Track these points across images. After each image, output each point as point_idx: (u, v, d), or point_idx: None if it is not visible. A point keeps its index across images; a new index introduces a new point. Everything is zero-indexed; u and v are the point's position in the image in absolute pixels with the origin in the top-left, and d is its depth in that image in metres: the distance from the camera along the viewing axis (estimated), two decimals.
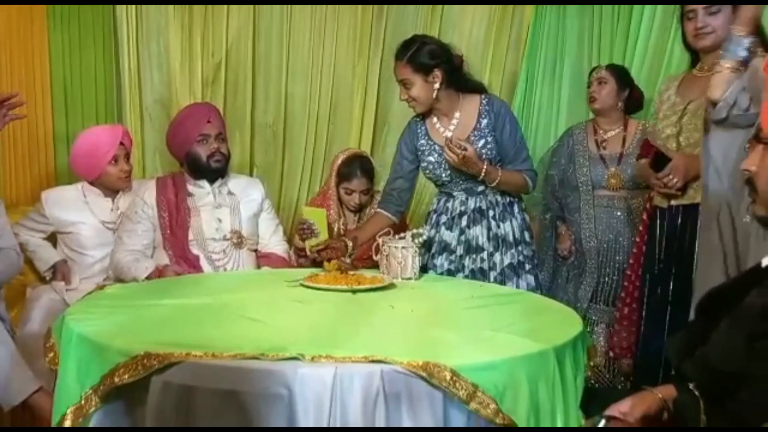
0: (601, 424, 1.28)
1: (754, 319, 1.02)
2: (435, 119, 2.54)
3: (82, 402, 1.41)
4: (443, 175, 2.53)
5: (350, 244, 2.46)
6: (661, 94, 2.51)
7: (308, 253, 2.53)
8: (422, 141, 2.56)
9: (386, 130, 3.89)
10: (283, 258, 2.87)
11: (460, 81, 2.50)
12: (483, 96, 2.52)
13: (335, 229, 3.00)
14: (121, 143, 2.86)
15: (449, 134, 2.49)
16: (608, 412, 1.30)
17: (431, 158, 2.54)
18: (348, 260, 2.50)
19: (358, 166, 3.00)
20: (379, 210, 2.62)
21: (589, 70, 3.21)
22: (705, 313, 1.31)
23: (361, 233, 2.56)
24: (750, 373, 0.98)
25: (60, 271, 2.82)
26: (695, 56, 2.41)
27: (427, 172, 2.58)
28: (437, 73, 2.41)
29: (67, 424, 1.41)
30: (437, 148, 2.51)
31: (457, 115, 2.51)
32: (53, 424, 1.47)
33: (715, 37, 2.22)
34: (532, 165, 2.57)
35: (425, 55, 2.40)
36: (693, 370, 1.19)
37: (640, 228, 2.53)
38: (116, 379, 1.35)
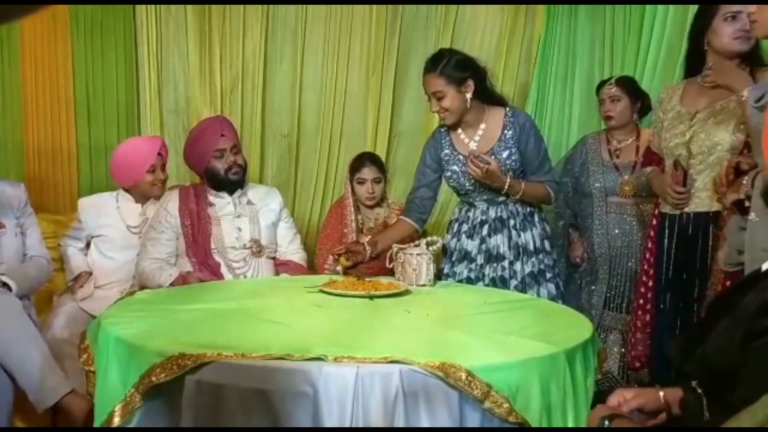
0: (606, 424, 1.34)
1: (750, 319, 1.09)
2: (460, 130, 2.59)
3: (128, 399, 1.48)
4: (467, 184, 2.58)
5: (369, 249, 2.53)
6: (662, 103, 2.50)
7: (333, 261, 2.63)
8: (446, 151, 2.61)
9: (397, 140, 3.97)
10: (300, 265, 2.93)
11: (486, 92, 2.55)
12: (508, 108, 2.57)
13: (351, 225, 3.11)
14: (159, 154, 2.98)
15: (474, 145, 2.55)
16: (614, 396, 1.36)
17: (455, 167, 2.59)
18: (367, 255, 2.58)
19: (367, 157, 3.18)
20: (402, 218, 2.69)
21: (599, 80, 3.24)
22: (708, 316, 1.38)
23: (382, 239, 2.62)
24: (744, 368, 1.05)
25: (78, 280, 2.92)
26: (700, 63, 2.39)
27: (451, 181, 2.63)
28: (469, 83, 2.46)
29: (116, 420, 1.49)
30: (461, 158, 2.56)
31: (482, 126, 2.56)
32: (98, 422, 1.54)
33: (751, 42, 2.20)
34: (554, 176, 2.61)
35: (457, 67, 2.46)
36: (694, 368, 1.26)
37: (651, 233, 2.55)
38: (153, 378, 1.43)
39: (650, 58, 3.27)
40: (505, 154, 2.51)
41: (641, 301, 2.55)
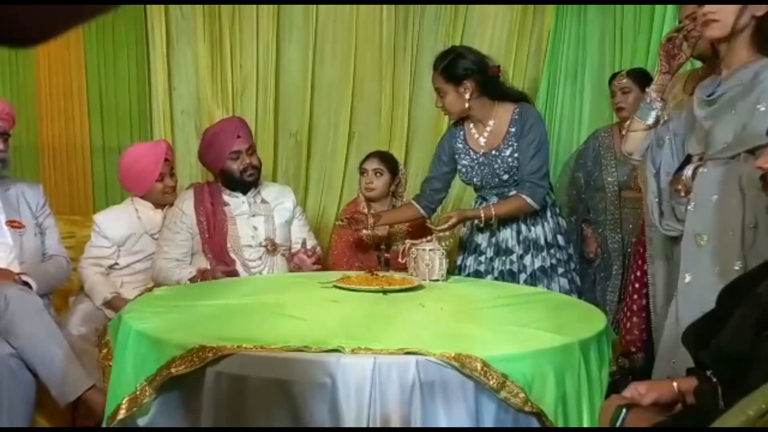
0: (622, 414, 1.34)
1: (763, 308, 1.10)
2: (471, 125, 2.62)
3: (137, 392, 1.51)
4: (475, 179, 2.62)
5: (371, 219, 2.58)
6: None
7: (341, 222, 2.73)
8: (459, 145, 2.64)
9: (413, 138, 3.96)
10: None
11: (494, 90, 2.56)
12: (517, 105, 2.57)
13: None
14: (166, 159, 2.93)
15: (483, 141, 2.58)
16: (628, 390, 1.37)
17: (465, 162, 2.62)
18: (367, 232, 2.67)
19: (376, 152, 3.18)
20: (411, 201, 2.73)
21: (610, 75, 3.23)
22: (722, 304, 1.39)
23: (387, 215, 2.67)
24: (757, 357, 1.06)
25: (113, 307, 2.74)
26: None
27: (461, 175, 2.67)
28: (468, 84, 2.47)
29: (122, 412, 1.51)
30: (472, 153, 2.60)
31: (491, 122, 2.58)
32: (107, 414, 1.57)
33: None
34: (543, 180, 2.53)
35: (457, 67, 2.47)
36: (709, 357, 1.27)
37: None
38: (173, 370, 1.45)
39: None
40: (507, 152, 2.53)
41: (637, 285, 2.55)
